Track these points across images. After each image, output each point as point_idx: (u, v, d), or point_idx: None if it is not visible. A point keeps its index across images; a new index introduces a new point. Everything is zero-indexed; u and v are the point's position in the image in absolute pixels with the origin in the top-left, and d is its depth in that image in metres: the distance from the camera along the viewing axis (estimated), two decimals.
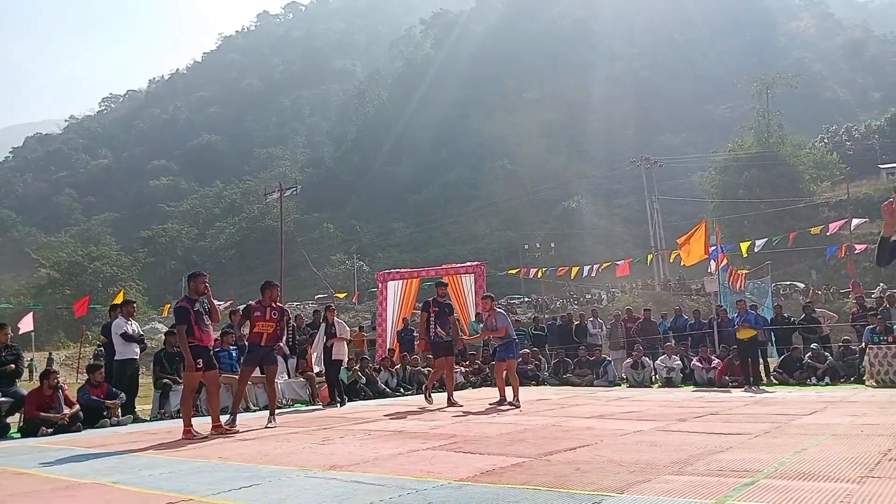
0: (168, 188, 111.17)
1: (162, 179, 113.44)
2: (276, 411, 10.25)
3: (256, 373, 8.98)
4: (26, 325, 27.16)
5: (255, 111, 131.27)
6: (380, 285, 18.85)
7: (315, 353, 12.03)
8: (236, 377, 10.90)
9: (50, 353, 32.10)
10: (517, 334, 12.11)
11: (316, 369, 12.19)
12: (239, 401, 8.65)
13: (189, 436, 7.23)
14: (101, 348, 12.81)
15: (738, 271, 26.37)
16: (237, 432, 7.65)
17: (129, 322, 10.24)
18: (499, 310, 10.74)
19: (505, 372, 10.21)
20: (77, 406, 8.75)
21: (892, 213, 4.25)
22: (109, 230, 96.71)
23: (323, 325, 11.64)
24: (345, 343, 11.52)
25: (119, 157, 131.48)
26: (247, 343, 9.16)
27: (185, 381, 7.79)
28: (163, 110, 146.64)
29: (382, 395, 12.97)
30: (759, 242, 28.13)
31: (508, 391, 9.98)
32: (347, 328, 11.99)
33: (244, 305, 7.58)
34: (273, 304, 8.48)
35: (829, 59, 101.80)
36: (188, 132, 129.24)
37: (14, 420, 8.72)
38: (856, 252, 36.89)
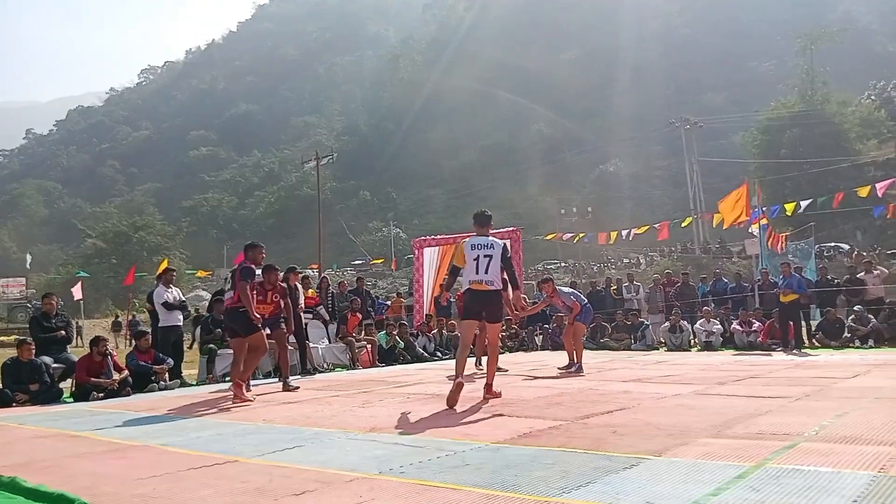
0: (208, 158, 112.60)
1: (201, 149, 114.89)
2: (318, 376, 10.46)
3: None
4: (76, 293, 28.02)
5: (290, 80, 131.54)
6: (416, 252, 18.91)
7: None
8: None
9: (116, 316, 32.86)
10: None
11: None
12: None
13: (239, 392, 7.41)
14: (133, 317, 13.15)
15: (779, 233, 25.82)
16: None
17: (170, 290, 10.48)
18: (561, 288, 10.73)
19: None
20: (126, 371, 9.04)
21: None
22: (152, 200, 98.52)
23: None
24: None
25: (159, 128, 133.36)
26: None
27: (241, 344, 7.74)
28: (200, 80, 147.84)
29: (420, 359, 13.14)
30: (804, 203, 27.42)
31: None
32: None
33: (244, 268, 7.56)
34: (275, 287, 8.53)
35: (879, 10, 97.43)
36: (226, 102, 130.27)
37: (66, 385, 9.05)
38: None
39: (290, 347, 10.68)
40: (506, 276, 6.69)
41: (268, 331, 8.18)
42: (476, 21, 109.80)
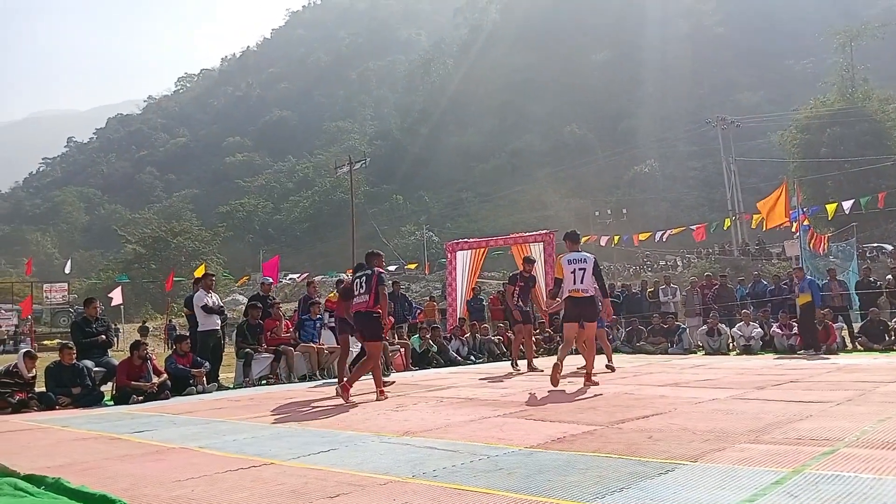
0: (243, 164, 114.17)
1: (237, 155, 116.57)
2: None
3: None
4: (116, 298, 28.59)
5: (323, 85, 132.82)
6: (449, 255, 18.93)
7: None
8: (314, 346, 11.30)
9: (144, 322, 33.58)
10: None
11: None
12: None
13: (383, 396, 7.67)
14: (170, 321, 13.33)
15: (821, 234, 25.26)
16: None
17: (210, 294, 10.66)
18: None
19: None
20: (165, 375, 9.21)
21: None
22: (190, 206, 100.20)
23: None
24: None
25: (196, 135, 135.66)
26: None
27: (377, 347, 7.85)
28: (235, 88, 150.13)
29: (454, 363, 13.14)
30: (847, 204, 26.79)
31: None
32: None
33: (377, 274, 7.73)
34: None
35: None
36: (260, 108, 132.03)
37: (107, 389, 9.26)
38: None
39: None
40: (597, 286, 8.02)
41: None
42: (506, 24, 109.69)
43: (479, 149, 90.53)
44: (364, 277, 7.73)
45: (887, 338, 12.70)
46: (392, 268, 61.07)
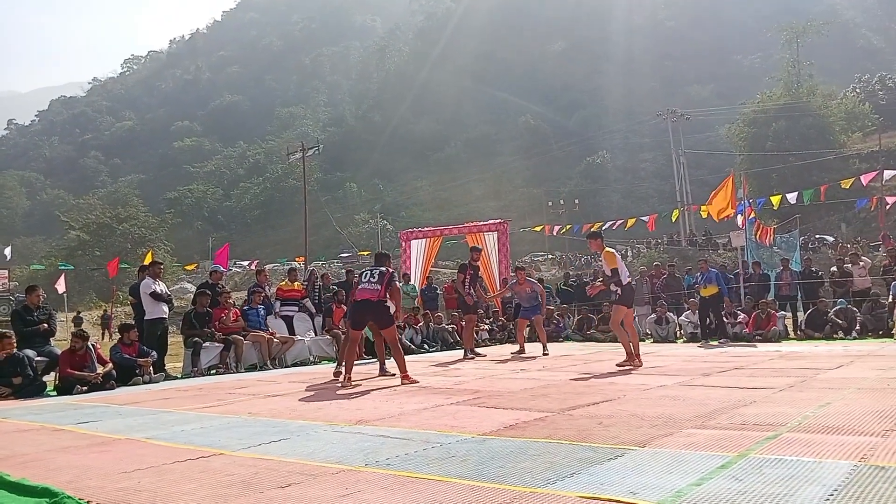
0: (192, 149, 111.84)
1: (186, 140, 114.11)
2: (302, 368, 10.46)
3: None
4: (59, 286, 27.74)
5: (275, 70, 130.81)
6: (403, 244, 18.92)
7: None
8: (264, 335, 11.16)
9: (78, 312, 32.64)
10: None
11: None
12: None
13: (409, 380, 7.77)
14: (105, 311, 13.02)
15: (767, 226, 25.98)
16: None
17: (157, 282, 10.43)
18: (530, 279, 12.12)
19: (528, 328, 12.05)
20: (110, 364, 8.98)
21: None
22: (136, 192, 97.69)
23: None
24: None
25: (143, 119, 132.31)
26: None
27: (393, 331, 8.35)
28: (184, 71, 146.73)
29: (407, 351, 13.09)
30: (791, 196, 27.60)
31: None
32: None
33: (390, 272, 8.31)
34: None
35: (863, 5, 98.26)
36: (210, 92, 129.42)
37: (49, 379, 8.98)
38: (887, 205, 36.16)
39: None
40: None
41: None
42: (463, 12, 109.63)
43: (435, 137, 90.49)
44: (377, 272, 8.23)
45: (827, 327, 13.13)
46: (345, 255, 60.87)
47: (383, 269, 8.28)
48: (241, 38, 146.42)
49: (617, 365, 8.50)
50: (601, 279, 10.12)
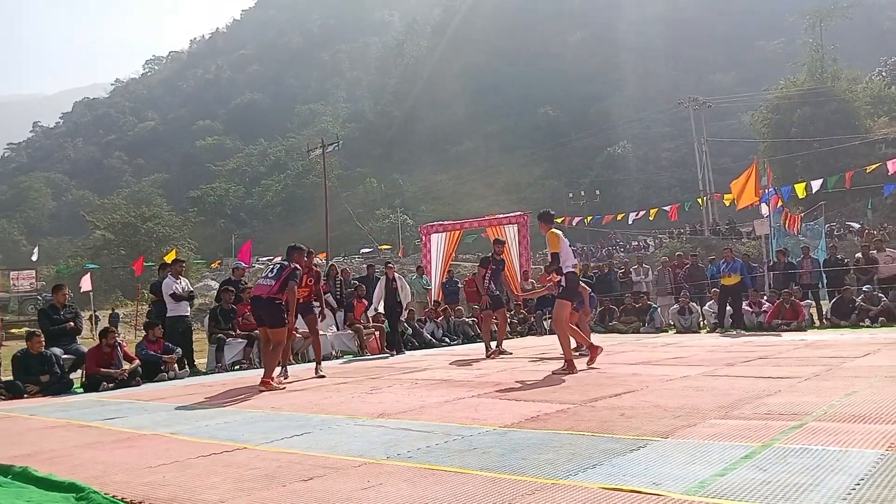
0: (214, 148, 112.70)
1: (207, 139, 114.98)
2: (326, 363, 10.54)
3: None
4: (85, 285, 28.10)
5: (295, 68, 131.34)
6: (423, 238, 18.96)
7: (380, 302, 12.60)
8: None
9: (113, 309, 33.05)
10: None
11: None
12: (287, 353, 8.78)
13: (268, 386, 7.41)
14: (113, 310, 13.19)
15: (794, 214, 25.59)
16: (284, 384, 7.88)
17: (179, 280, 10.56)
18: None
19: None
20: (137, 361, 9.10)
21: None
22: (160, 191, 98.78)
23: (383, 280, 12.44)
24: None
25: (165, 119, 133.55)
26: None
27: (282, 334, 7.82)
28: (205, 70, 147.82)
29: (428, 345, 13.16)
30: (815, 184, 27.14)
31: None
32: (407, 286, 12.65)
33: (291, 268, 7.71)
34: (309, 270, 8.63)
35: None
36: (231, 91, 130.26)
37: (76, 376, 9.12)
38: None
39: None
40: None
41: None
42: (480, 4, 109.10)
43: (454, 131, 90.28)
44: (278, 266, 7.82)
45: (854, 315, 12.95)
46: (366, 250, 61.08)
47: (286, 264, 7.81)
48: (261, 37, 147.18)
49: (553, 372, 7.28)
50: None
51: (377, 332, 12.58)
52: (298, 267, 7.85)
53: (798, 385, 5.65)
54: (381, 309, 12.64)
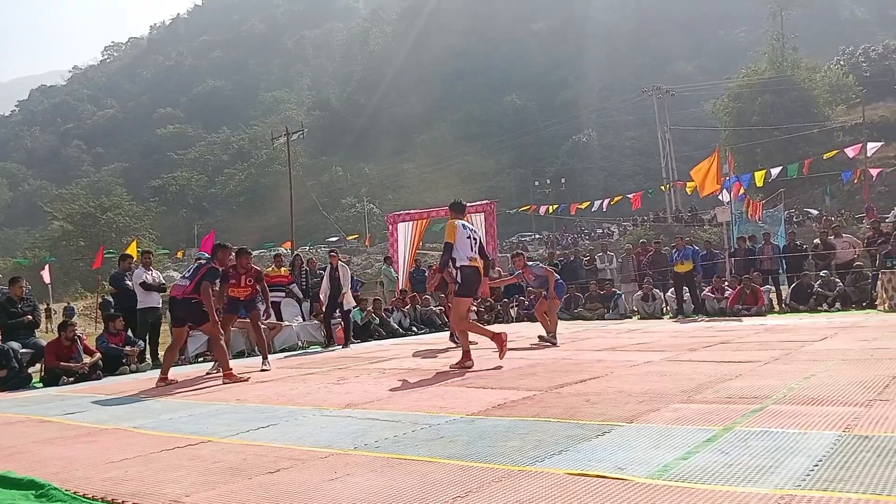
0: (175, 136, 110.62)
1: (169, 127, 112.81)
2: (291, 354, 10.46)
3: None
4: (44, 277, 27.51)
5: (258, 54, 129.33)
6: (390, 227, 18.88)
7: (323, 295, 12.06)
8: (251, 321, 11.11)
9: (69, 302, 32.42)
10: None
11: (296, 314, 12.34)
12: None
13: (232, 378, 7.32)
14: (104, 298, 12.89)
15: (756, 201, 26.10)
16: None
17: (150, 271, 10.39)
18: (531, 264, 10.76)
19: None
20: (98, 354, 8.93)
21: None
22: (120, 180, 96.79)
23: (328, 268, 11.81)
24: (349, 293, 11.65)
25: (125, 107, 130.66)
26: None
27: (183, 333, 7.92)
28: (166, 57, 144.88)
29: (395, 334, 13.14)
30: (775, 171, 27.70)
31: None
32: (349, 274, 11.97)
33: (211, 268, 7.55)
34: (249, 271, 8.54)
35: None
36: (192, 78, 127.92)
37: (35, 371, 8.92)
38: (871, 178, 36.44)
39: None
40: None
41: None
42: None
43: (420, 118, 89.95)
44: (196, 265, 7.71)
45: (812, 300, 13.26)
46: (332, 240, 60.71)
47: (202, 263, 7.70)
48: (223, 23, 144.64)
49: (450, 367, 7.05)
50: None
51: (344, 322, 12.51)
52: (217, 266, 7.69)
53: (758, 369, 5.77)
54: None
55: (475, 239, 7.17)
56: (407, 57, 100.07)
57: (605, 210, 35.37)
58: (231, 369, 7.45)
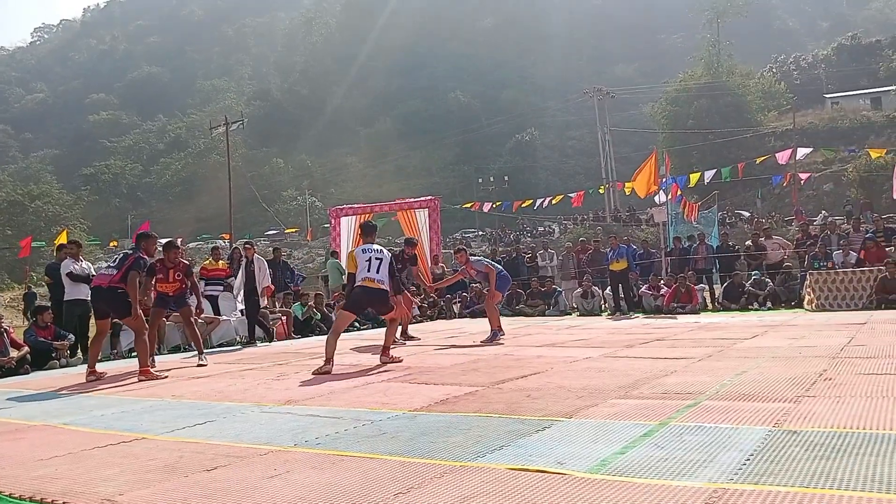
0: (109, 123, 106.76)
1: (102, 114, 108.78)
2: (231, 348, 10.27)
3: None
4: None
5: (197, 41, 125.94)
6: (333, 221, 18.68)
7: (236, 291, 11.71)
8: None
9: (29, 288, 30.92)
10: None
11: (239, 307, 11.82)
12: (153, 342, 8.31)
13: (148, 375, 7.09)
14: (29, 289, 12.41)
15: (692, 202, 26.90)
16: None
17: (79, 262, 9.98)
18: (474, 258, 10.75)
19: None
20: (26, 348, 8.59)
21: None
22: (49, 168, 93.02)
23: (243, 261, 11.42)
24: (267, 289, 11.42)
25: (55, 91, 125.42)
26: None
27: (106, 326, 7.72)
28: (100, 41, 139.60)
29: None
30: (709, 174, 28.58)
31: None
32: (267, 268, 11.65)
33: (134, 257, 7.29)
34: (177, 265, 8.37)
35: None
36: (127, 64, 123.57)
37: None
38: (800, 181, 37.97)
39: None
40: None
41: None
42: None
43: (364, 112, 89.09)
44: (121, 255, 7.50)
45: (743, 298, 13.73)
46: (271, 232, 59.75)
47: (129, 252, 7.46)
48: (161, 7, 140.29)
49: (313, 373, 6.72)
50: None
51: (284, 317, 12.35)
52: (144, 257, 7.45)
53: (692, 366, 5.94)
54: (239, 298, 11.66)
55: (380, 259, 7.21)
56: (351, 49, 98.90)
57: (545, 207, 35.91)
58: (149, 367, 7.22)
